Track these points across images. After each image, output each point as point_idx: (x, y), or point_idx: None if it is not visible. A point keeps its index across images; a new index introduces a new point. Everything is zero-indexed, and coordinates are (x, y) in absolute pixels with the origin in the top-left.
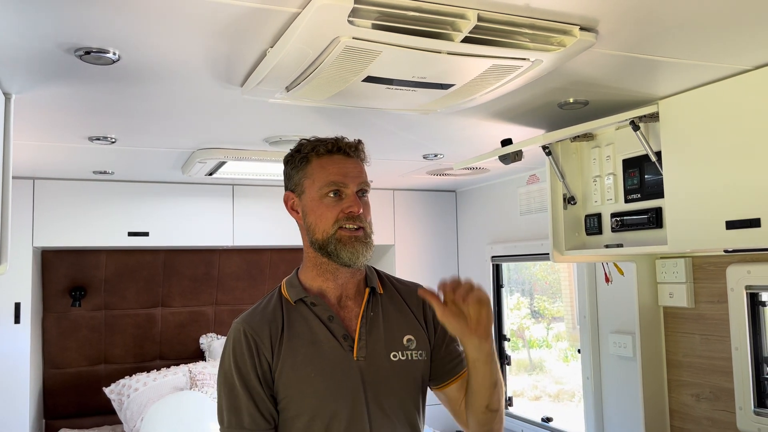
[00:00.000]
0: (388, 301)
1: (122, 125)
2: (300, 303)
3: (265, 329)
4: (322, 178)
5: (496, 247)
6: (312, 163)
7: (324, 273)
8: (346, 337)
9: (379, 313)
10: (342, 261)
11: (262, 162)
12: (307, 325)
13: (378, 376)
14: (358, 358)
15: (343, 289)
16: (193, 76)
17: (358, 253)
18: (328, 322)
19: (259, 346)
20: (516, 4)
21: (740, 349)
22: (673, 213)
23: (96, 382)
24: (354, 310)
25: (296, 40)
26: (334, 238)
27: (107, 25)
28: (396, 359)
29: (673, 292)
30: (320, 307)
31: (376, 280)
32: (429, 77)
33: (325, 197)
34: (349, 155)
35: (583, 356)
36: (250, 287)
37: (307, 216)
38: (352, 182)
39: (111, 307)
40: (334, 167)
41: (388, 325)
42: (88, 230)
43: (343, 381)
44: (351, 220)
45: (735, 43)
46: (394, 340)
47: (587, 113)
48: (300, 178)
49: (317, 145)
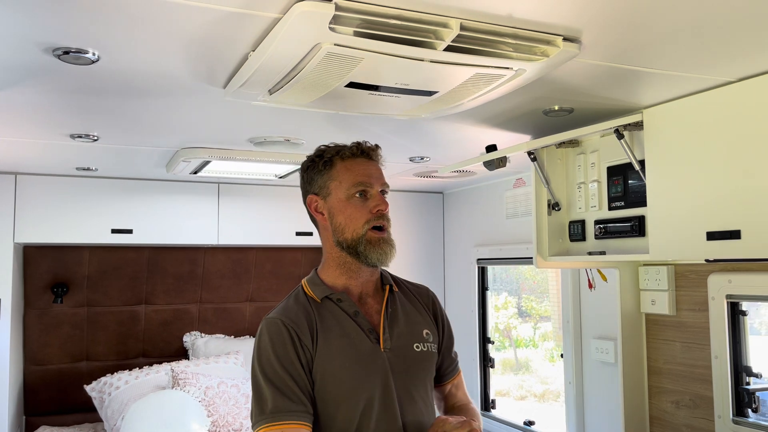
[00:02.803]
0: (404, 298)
1: (104, 124)
2: (326, 300)
3: (303, 322)
4: (349, 179)
5: (482, 250)
6: (337, 165)
7: (347, 272)
8: (372, 330)
9: (398, 309)
10: (370, 261)
11: (247, 162)
12: (335, 320)
13: (404, 365)
14: (385, 349)
15: (363, 287)
16: (175, 77)
17: (386, 253)
18: (354, 316)
19: (300, 336)
20: (499, 14)
21: (720, 358)
22: (656, 222)
23: (77, 380)
24: (374, 306)
25: (277, 45)
26: (364, 239)
27: (86, 26)
28: (419, 350)
29: (655, 299)
30: (346, 303)
31: (390, 280)
32: (412, 84)
33: (352, 198)
34: (371, 158)
35: (565, 361)
36: (235, 286)
37: (335, 217)
38: (376, 182)
39: (94, 304)
40: (359, 169)
41: (408, 319)
42: (70, 227)
43: (373, 370)
44: (379, 219)
45: (718, 56)
46: (416, 333)
47: (572, 120)
48: (325, 181)
49: (341, 149)
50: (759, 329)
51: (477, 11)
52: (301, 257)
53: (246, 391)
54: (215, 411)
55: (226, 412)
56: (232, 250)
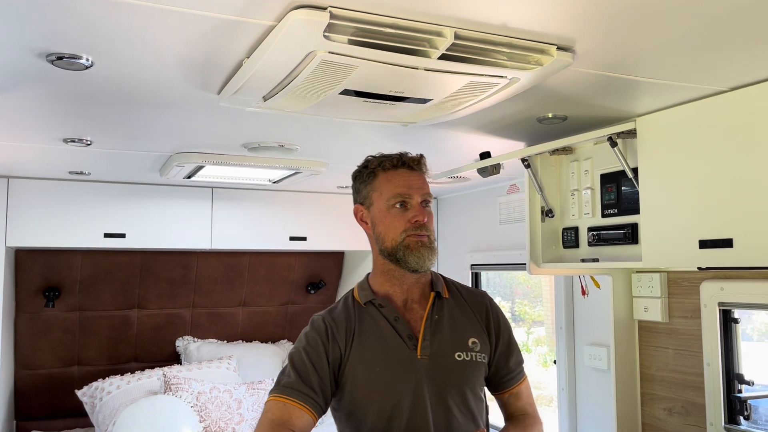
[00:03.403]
0: (454, 305)
1: (97, 128)
2: (369, 305)
3: (342, 323)
4: (389, 191)
5: (476, 255)
6: (379, 177)
7: (391, 279)
8: (411, 337)
9: (444, 315)
10: (410, 266)
11: (241, 167)
12: (375, 324)
13: (442, 373)
14: (422, 357)
15: (408, 293)
16: (169, 83)
17: (425, 257)
18: (394, 322)
19: (335, 334)
20: (493, 22)
21: (712, 365)
22: (649, 229)
23: (69, 384)
24: (419, 312)
25: (272, 52)
26: (402, 245)
27: (79, 32)
28: (461, 359)
29: (648, 306)
30: (387, 309)
31: (441, 286)
32: (406, 92)
33: (392, 208)
34: (413, 168)
35: (558, 367)
36: (228, 290)
37: (377, 226)
38: (416, 193)
39: (85, 309)
40: (400, 180)
41: (454, 326)
42: (63, 231)
43: (404, 375)
44: (417, 229)
45: (711, 65)
46: (460, 341)
47: (566, 128)
48: (368, 192)
49: (383, 161)
50: (751, 335)
51: (471, 20)
52: (294, 262)
53: (238, 397)
54: (207, 416)
55: (218, 418)
56: (226, 255)
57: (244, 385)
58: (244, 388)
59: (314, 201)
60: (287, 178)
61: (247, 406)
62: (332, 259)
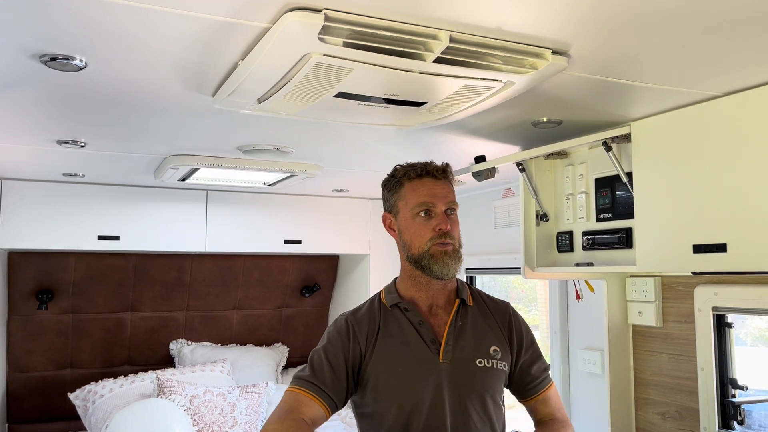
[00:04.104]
0: (477, 312)
1: (91, 130)
2: (395, 308)
3: (364, 323)
4: (413, 200)
5: (471, 259)
6: (405, 186)
7: (417, 284)
8: (434, 341)
9: (467, 322)
10: (434, 274)
11: (236, 169)
12: (399, 327)
13: (462, 378)
14: (444, 361)
15: (433, 299)
16: (163, 85)
17: (448, 266)
18: (418, 326)
19: (357, 334)
20: (488, 26)
21: (706, 370)
22: (643, 234)
23: (61, 387)
24: (443, 318)
25: (267, 55)
26: (428, 253)
27: (73, 33)
28: (481, 365)
29: (642, 310)
30: (412, 313)
31: (467, 293)
32: (401, 95)
33: (416, 216)
34: (437, 177)
35: (553, 371)
36: (223, 293)
37: (403, 234)
38: (440, 202)
39: (79, 311)
40: (424, 189)
41: (477, 333)
42: (56, 233)
43: (425, 378)
44: (442, 237)
45: (705, 71)
46: (481, 348)
47: (561, 132)
48: (395, 200)
49: (409, 170)
50: (745, 340)
51: (466, 24)
52: (289, 265)
53: (232, 400)
54: (201, 420)
55: (212, 421)
56: (220, 258)
57: (238, 389)
58: (237, 391)
59: (309, 204)
60: (282, 181)
61: (241, 410)
62: (327, 263)
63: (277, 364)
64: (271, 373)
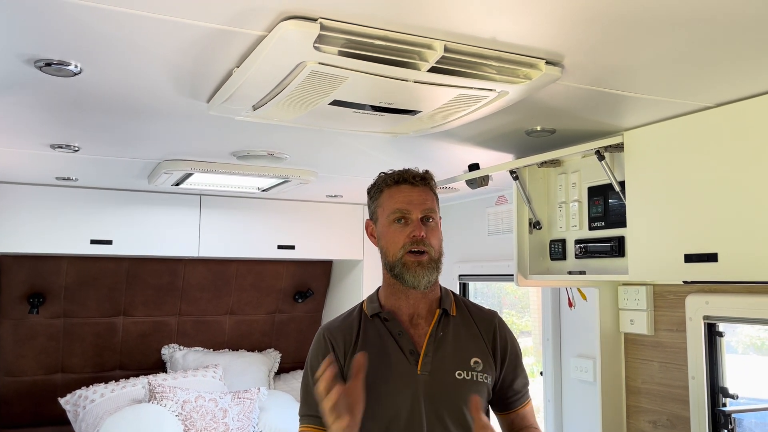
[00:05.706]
0: (460, 323)
1: (85, 135)
2: (375, 317)
3: (340, 335)
4: (389, 206)
5: (464, 266)
6: (383, 193)
7: (396, 293)
8: (413, 352)
9: (449, 333)
10: (407, 283)
11: (230, 175)
12: (379, 337)
13: (440, 390)
14: (422, 373)
15: (414, 308)
16: (158, 91)
17: (420, 276)
18: (397, 336)
19: (334, 347)
20: (483, 36)
21: (697, 378)
22: (635, 243)
23: (52, 392)
24: (424, 328)
25: (262, 62)
26: (400, 261)
27: (68, 39)
28: (461, 377)
29: (634, 318)
30: (392, 323)
31: (450, 303)
32: (396, 103)
33: (393, 223)
34: (414, 184)
35: (545, 379)
36: (216, 298)
37: (380, 241)
38: (415, 209)
39: (70, 315)
40: (401, 195)
41: (458, 345)
42: (49, 236)
43: (403, 390)
44: (416, 244)
45: (698, 82)
46: (462, 360)
47: (554, 141)
48: (375, 208)
49: (387, 177)
50: (736, 348)
51: (461, 33)
52: (282, 270)
53: (223, 406)
54: (192, 425)
55: (203, 427)
56: (213, 263)
57: (230, 394)
58: (229, 397)
59: (303, 210)
60: (276, 186)
61: (233, 416)
62: (320, 268)
63: (269, 369)
64: (264, 378)
